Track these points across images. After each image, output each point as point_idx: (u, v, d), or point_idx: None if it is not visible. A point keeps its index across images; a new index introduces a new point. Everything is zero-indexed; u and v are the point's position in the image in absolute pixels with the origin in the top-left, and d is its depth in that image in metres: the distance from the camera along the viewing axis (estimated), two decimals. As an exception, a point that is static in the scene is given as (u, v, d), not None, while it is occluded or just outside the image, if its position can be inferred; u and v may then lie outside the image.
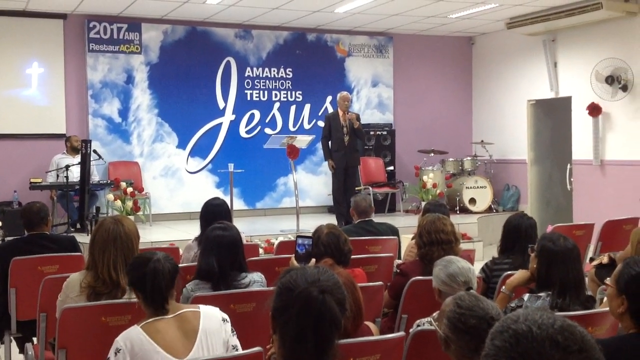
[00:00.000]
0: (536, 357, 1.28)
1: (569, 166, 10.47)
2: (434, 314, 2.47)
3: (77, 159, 9.13)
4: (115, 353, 2.63)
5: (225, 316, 2.85)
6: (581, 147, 10.17)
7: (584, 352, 1.29)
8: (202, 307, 2.85)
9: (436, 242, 4.03)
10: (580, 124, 10.13)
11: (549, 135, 11.32)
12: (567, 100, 10.47)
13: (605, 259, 5.19)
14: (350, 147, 9.40)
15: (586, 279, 5.19)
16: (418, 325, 2.98)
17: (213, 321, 2.79)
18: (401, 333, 2.96)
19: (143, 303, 2.79)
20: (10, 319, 4.54)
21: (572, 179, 10.42)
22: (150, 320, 2.72)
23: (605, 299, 3.23)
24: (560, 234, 3.59)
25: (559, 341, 1.29)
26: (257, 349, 2.63)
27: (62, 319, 3.24)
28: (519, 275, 3.67)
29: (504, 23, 10.76)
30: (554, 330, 1.31)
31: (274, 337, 2.10)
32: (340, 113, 9.44)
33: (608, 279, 2.70)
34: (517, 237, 4.38)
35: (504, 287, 3.73)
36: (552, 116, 11.23)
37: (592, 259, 5.67)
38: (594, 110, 9.78)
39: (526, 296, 3.40)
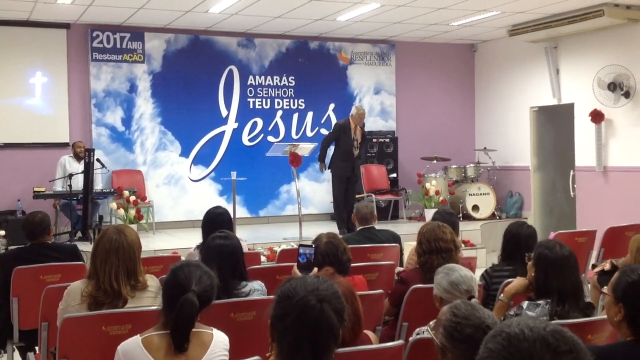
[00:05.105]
0: (527, 357, 1.31)
1: (572, 173, 10.47)
2: (431, 323, 2.47)
3: (82, 165, 9.15)
4: None
5: (228, 345, 2.75)
6: (584, 154, 10.16)
7: (574, 353, 1.32)
8: (215, 332, 2.72)
9: (436, 250, 4.02)
10: (583, 130, 10.13)
11: (551, 142, 11.32)
12: (569, 107, 10.47)
13: (607, 266, 5.18)
14: (357, 158, 9.58)
15: (588, 286, 5.20)
16: (418, 334, 2.98)
17: (218, 351, 2.68)
18: (400, 342, 2.95)
19: (162, 314, 2.65)
20: (12, 328, 4.55)
21: (575, 186, 10.41)
22: (155, 333, 2.61)
23: (606, 306, 3.23)
24: (557, 241, 3.59)
25: (550, 342, 1.32)
26: (256, 357, 2.61)
27: (63, 329, 3.24)
28: (517, 283, 3.66)
29: (506, 30, 10.77)
30: (545, 332, 1.34)
31: (272, 345, 2.10)
32: (353, 125, 9.48)
33: (606, 287, 2.71)
34: (517, 246, 4.37)
35: (502, 294, 3.73)
36: (554, 123, 11.23)
37: (594, 266, 5.67)
38: (597, 116, 9.78)
39: (525, 304, 3.39)
